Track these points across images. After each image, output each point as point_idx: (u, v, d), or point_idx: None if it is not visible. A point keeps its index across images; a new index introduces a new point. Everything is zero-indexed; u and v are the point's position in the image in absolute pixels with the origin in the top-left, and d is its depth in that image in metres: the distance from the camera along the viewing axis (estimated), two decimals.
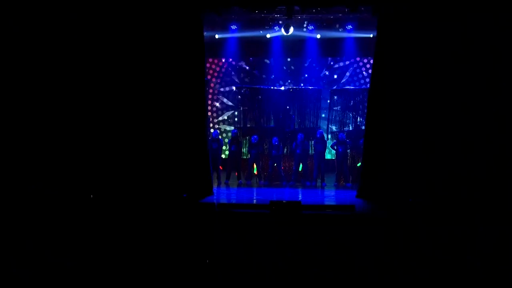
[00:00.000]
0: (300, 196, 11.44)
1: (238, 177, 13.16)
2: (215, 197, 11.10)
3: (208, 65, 15.47)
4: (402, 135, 10.34)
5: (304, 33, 13.96)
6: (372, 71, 10.89)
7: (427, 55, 10.20)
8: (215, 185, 12.76)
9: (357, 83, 15.17)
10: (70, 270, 6.13)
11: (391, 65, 10.42)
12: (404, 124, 10.31)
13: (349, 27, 13.50)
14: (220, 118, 15.63)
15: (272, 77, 15.40)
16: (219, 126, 15.52)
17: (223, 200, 11.01)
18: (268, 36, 14.09)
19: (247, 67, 15.53)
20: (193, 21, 10.89)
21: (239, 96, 14.86)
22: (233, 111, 15.48)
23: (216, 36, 14.26)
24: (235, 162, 13.17)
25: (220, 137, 13.69)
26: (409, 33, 10.25)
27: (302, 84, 15.21)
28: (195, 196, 10.59)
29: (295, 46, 14.74)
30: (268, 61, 15.40)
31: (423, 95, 10.20)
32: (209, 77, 15.43)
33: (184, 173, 10.74)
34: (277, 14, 12.95)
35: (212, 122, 15.50)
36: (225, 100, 15.58)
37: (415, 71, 10.27)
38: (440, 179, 10.07)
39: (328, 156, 13.79)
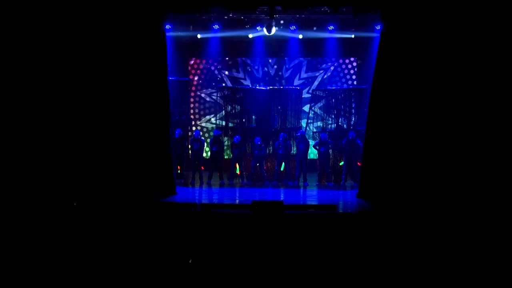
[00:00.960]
0: (282, 196, 11.45)
1: (220, 177, 13.13)
2: (192, 196, 11.04)
3: (190, 65, 15.44)
4: (403, 135, 10.32)
5: (286, 33, 13.97)
6: (374, 71, 10.86)
7: (428, 55, 10.18)
8: (197, 186, 12.75)
9: (338, 83, 15.23)
10: (68, 270, 6.10)
11: (392, 65, 10.41)
12: (405, 124, 10.29)
13: (331, 27, 13.54)
14: (203, 118, 15.58)
15: (254, 77, 15.40)
16: (205, 125, 15.47)
17: (205, 201, 10.99)
18: (250, 36, 14.08)
19: (229, 67, 15.50)
20: (153, 20, 10.69)
21: (221, 96, 14.80)
22: (214, 111, 15.44)
23: (198, 36, 14.20)
24: (217, 162, 13.14)
25: (202, 137, 13.65)
26: (410, 33, 10.24)
27: (284, 84, 15.25)
28: (159, 195, 10.51)
29: (277, 46, 14.75)
30: (250, 61, 15.39)
31: (423, 95, 10.20)
32: (191, 77, 15.38)
33: (145, 173, 10.54)
34: (259, 14, 12.94)
35: (195, 122, 15.45)
36: (207, 99, 15.54)
37: (416, 71, 10.25)
38: (440, 179, 10.05)
39: (310, 155, 13.83)
